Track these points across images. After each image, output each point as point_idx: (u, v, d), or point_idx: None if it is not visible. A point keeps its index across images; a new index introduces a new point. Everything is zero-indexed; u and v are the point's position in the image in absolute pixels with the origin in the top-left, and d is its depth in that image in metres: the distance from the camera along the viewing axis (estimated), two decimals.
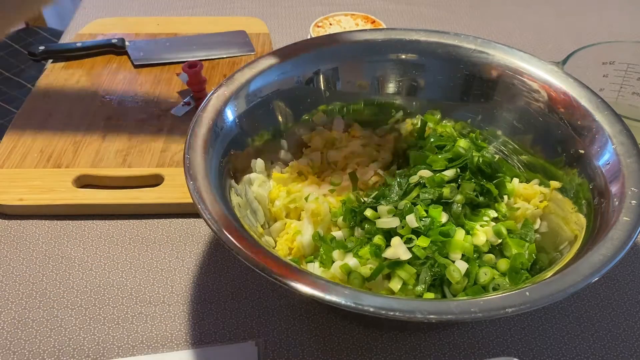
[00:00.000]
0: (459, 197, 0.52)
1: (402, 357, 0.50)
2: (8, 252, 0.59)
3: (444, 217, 0.51)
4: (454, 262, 0.49)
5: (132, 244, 0.60)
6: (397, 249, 0.48)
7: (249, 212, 0.53)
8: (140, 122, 0.74)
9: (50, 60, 0.86)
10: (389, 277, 0.49)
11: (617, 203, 0.46)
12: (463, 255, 0.50)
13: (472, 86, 0.63)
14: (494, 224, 0.53)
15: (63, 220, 0.62)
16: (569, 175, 0.55)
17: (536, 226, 0.55)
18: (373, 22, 0.86)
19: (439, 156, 0.57)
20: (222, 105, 0.55)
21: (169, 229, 0.62)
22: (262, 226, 0.55)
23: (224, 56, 0.87)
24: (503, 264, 0.52)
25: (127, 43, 0.87)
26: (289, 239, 0.54)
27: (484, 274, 0.50)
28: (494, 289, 0.50)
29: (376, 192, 0.54)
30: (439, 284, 0.49)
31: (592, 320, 0.53)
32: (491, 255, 0.52)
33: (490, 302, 0.40)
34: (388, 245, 0.50)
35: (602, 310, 0.54)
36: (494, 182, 0.56)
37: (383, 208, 0.52)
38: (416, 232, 0.50)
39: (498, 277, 0.51)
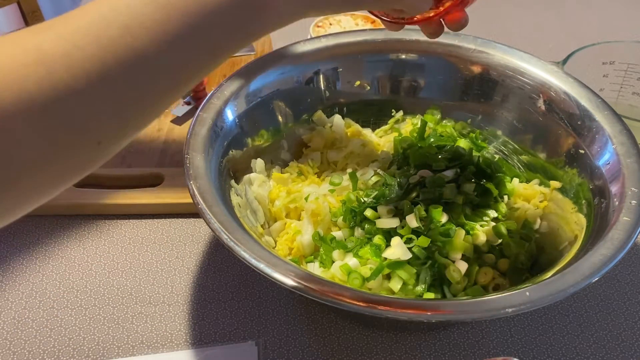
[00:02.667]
0: (459, 197, 0.52)
1: (402, 357, 0.50)
2: (8, 251, 0.59)
3: (444, 217, 0.51)
4: (454, 262, 0.49)
5: (132, 244, 0.60)
6: (397, 249, 0.49)
7: (249, 212, 0.53)
8: None
9: None
10: (389, 277, 0.49)
11: (617, 203, 0.46)
12: (463, 255, 0.50)
13: (472, 86, 0.63)
14: (494, 224, 0.53)
15: (63, 220, 0.62)
16: (569, 175, 0.55)
17: (536, 226, 0.55)
18: (373, 22, 0.85)
19: (439, 156, 0.57)
20: (222, 105, 0.55)
21: (169, 229, 0.62)
22: (262, 226, 0.55)
23: None
24: (503, 264, 0.52)
25: None
26: (289, 239, 0.54)
27: (484, 274, 0.50)
28: (494, 289, 0.50)
29: (376, 192, 0.54)
30: (439, 284, 0.49)
31: (592, 320, 0.53)
32: (491, 255, 0.52)
33: (490, 302, 0.40)
34: (388, 245, 0.50)
35: (602, 310, 0.54)
36: (494, 182, 0.56)
37: (383, 208, 0.53)
38: (416, 232, 0.50)
39: (498, 277, 0.51)
